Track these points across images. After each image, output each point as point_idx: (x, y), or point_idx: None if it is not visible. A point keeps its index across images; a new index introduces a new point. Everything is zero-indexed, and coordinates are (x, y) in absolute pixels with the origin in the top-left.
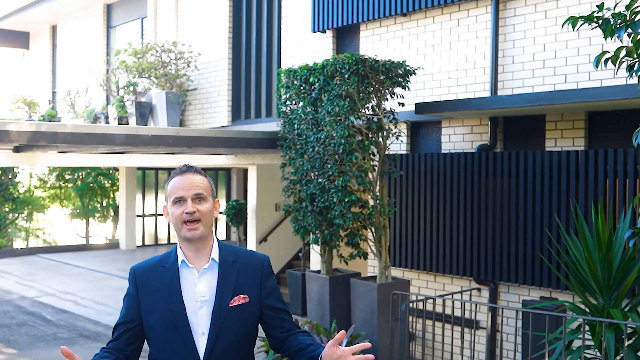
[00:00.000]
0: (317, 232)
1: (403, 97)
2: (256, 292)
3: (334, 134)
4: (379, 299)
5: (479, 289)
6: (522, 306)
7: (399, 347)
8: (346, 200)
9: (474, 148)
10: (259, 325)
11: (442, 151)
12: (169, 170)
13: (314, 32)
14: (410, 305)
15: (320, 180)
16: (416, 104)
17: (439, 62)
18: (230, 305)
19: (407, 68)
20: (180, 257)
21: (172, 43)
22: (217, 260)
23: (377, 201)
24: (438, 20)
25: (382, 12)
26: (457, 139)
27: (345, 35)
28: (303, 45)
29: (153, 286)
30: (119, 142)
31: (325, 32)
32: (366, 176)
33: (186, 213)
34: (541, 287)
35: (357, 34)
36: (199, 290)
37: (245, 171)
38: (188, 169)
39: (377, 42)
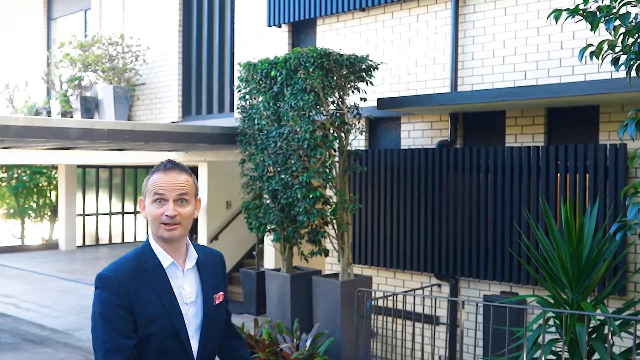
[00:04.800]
0: (278, 229)
1: (366, 92)
2: (224, 288)
3: (298, 129)
4: (343, 297)
5: (439, 285)
6: (483, 301)
7: (364, 345)
8: (310, 196)
9: (433, 144)
10: None
11: (402, 147)
12: (111, 168)
13: (270, 26)
14: (373, 302)
15: (282, 176)
16: (378, 99)
17: (398, 58)
18: (215, 304)
19: (370, 63)
20: (167, 258)
21: (119, 36)
22: (197, 258)
23: (341, 197)
24: (397, 16)
25: (339, 7)
26: (416, 135)
27: (302, 30)
28: (257, 39)
29: (145, 293)
30: (74, 136)
31: (280, 26)
32: (330, 172)
33: (166, 215)
34: (502, 282)
35: (313, 29)
36: (186, 292)
37: (190, 169)
38: (173, 165)
39: (335, 37)
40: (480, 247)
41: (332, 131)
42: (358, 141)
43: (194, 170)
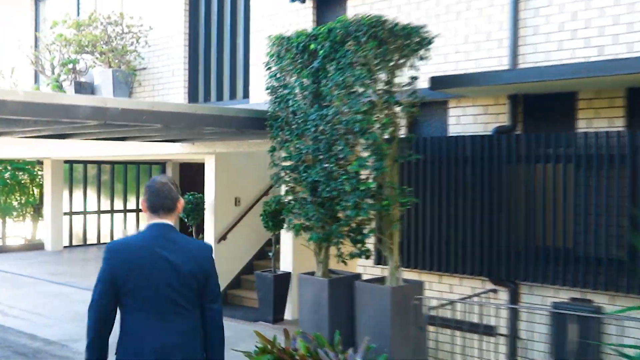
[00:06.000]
0: (318, 227)
1: (419, 69)
2: None
3: (346, 110)
4: (393, 305)
5: (494, 290)
6: (553, 308)
7: None
8: (362, 189)
9: (488, 130)
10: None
11: (450, 134)
12: (99, 163)
13: (292, 1)
14: (431, 311)
15: (325, 165)
16: (431, 78)
17: (445, 34)
18: None
19: (425, 35)
20: None
21: (118, 15)
22: None
23: (394, 190)
24: None
25: None
26: (467, 120)
27: (329, 5)
28: (275, 17)
29: None
30: (83, 115)
31: (304, 1)
32: (384, 160)
33: None
34: (573, 288)
35: (342, 3)
36: None
37: (182, 165)
38: None
39: (368, 12)
40: (548, 247)
41: (384, 113)
42: None
43: (199, 165)
